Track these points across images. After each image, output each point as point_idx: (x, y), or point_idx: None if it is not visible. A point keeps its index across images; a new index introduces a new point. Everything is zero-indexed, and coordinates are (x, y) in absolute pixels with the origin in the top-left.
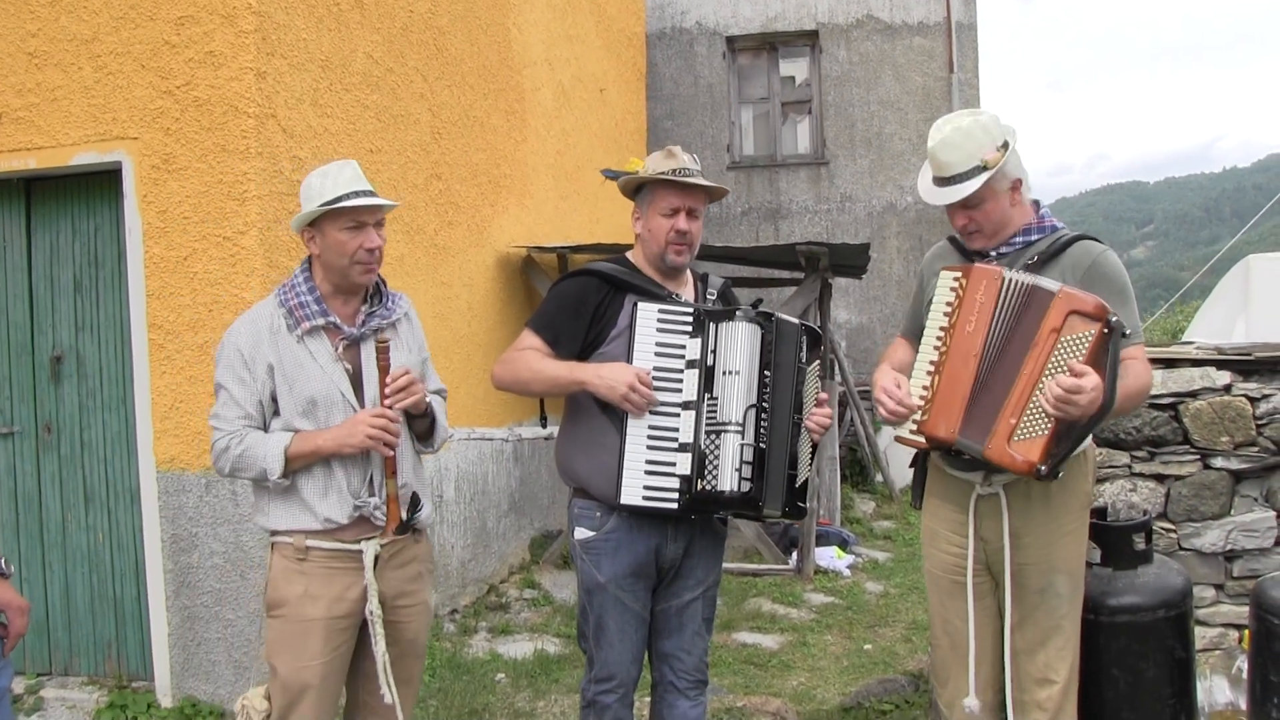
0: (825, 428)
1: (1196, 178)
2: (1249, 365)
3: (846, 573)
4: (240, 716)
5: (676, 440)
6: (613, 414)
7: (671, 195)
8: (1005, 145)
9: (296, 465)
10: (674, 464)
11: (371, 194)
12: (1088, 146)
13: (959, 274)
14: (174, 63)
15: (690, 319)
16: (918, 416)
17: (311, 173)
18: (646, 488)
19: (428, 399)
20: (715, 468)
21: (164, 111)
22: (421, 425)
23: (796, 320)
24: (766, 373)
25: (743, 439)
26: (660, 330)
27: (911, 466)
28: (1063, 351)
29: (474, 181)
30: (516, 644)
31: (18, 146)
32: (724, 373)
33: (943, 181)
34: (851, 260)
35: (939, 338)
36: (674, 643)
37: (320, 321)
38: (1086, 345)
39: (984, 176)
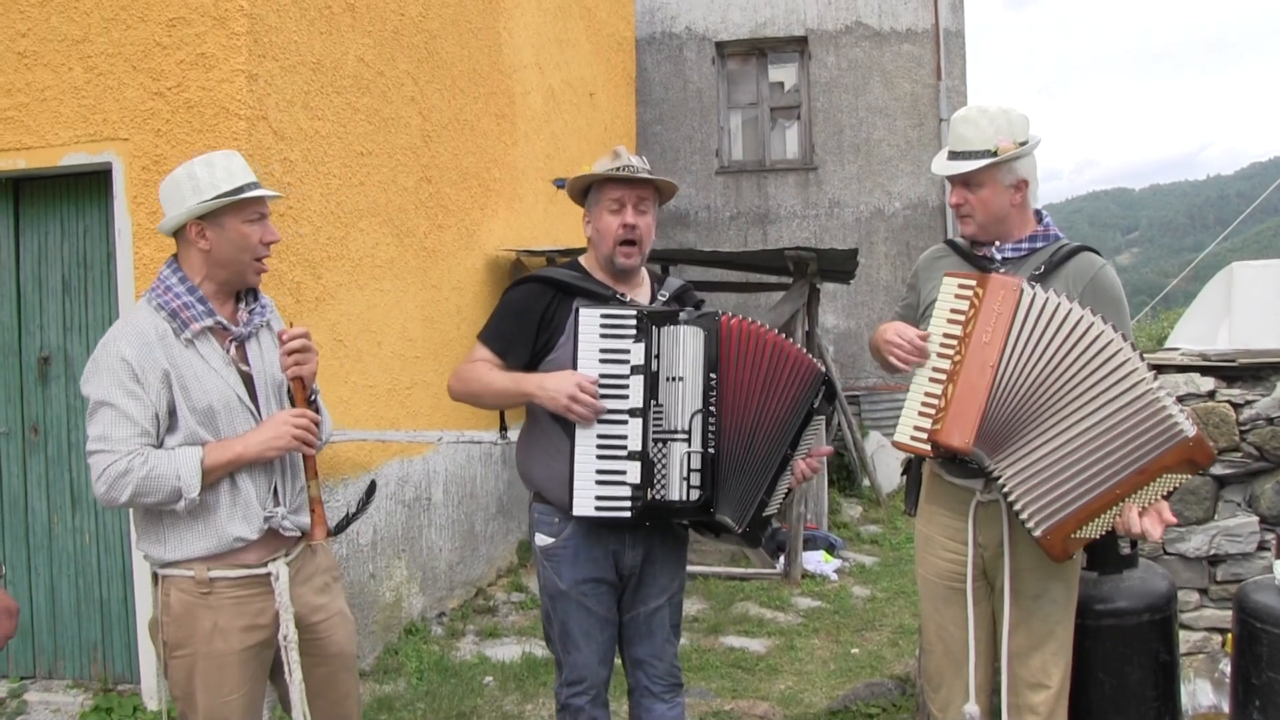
0: (807, 476)
1: (1181, 185)
2: (1232, 371)
3: (833, 577)
4: None
5: (626, 448)
6: (564, 422)
7: (616, 189)
8: (1024, 144)
9: (212, 479)
10: (624, 472)
11: (259, 184)
12: (1076, 153)
13: (972, 282)
14: (165, 64)
15: (634, 323)
16: (927, 425)
17: (188, 164)
18: (599, 498)
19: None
20: (664, 476)
21: (155, 113)
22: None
23: (823, 369)
24: (713, 376)
25: (689, 446)
26: (604, 336)
27: (904, 474)
28: (1158, 486)
29: (464, 185)
30: (504, 647)
31: (7, 146)
32: (668, 379)
33: (955, 156)
34: (839, 265)
35: (948, 345)
36: (645, 649)
37: (209, 322)
38: (1176, 484)
39: (989, 160)
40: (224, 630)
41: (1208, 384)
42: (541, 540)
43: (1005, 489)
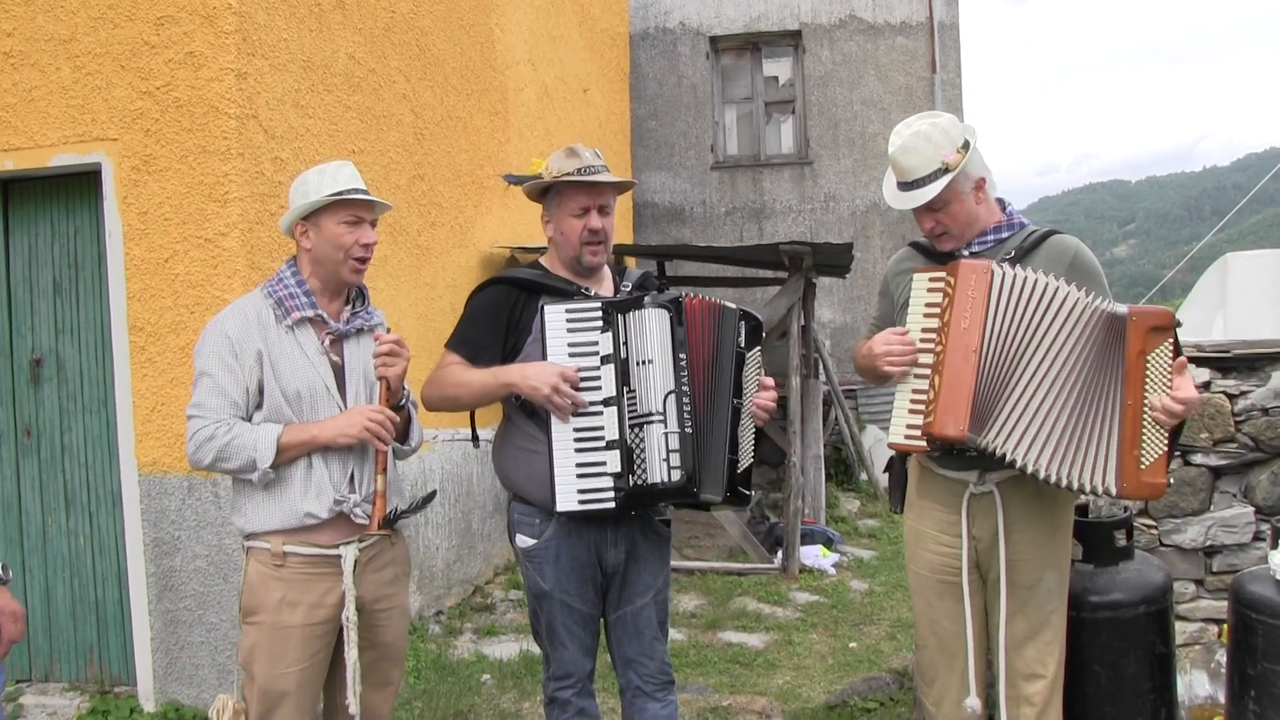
0: (770, 410)
1: (1177, 177)
2: (1227, 362)
3: (831, 571)
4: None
5: (604, 439)
6: (539, 418)
7: (580, 195)
8: (966, 146)
9: (287, 456)
10: (604, 463)
11: (368, 193)
12: (1075, 145)
13: (942, 273)
14: (154, 63)
15: (599, 314)
16: (919, 421)
17: (306, 171)
18: (581, 491)
19: (405, 387)
20: (644, 460)
21: (144, 112)
22: (399, 420)
23: (734, 306)
24: (681, 356)
25: (665, 427)
26: (571, 330)
27: (886, 471)
28: (1153, 368)
29: (457, 182)
30: (501, 645)
31: None
32: (638, 363)
33: (906, 186)
34: (835, 260)
35: (927, 339)
36: (635, 648)
37: (309, 313)
38: (1169, 354)
39: (946, 179)
40: (291, 603)
41: (1203, 375)
42: (523, 542)
43: (1028, 470)
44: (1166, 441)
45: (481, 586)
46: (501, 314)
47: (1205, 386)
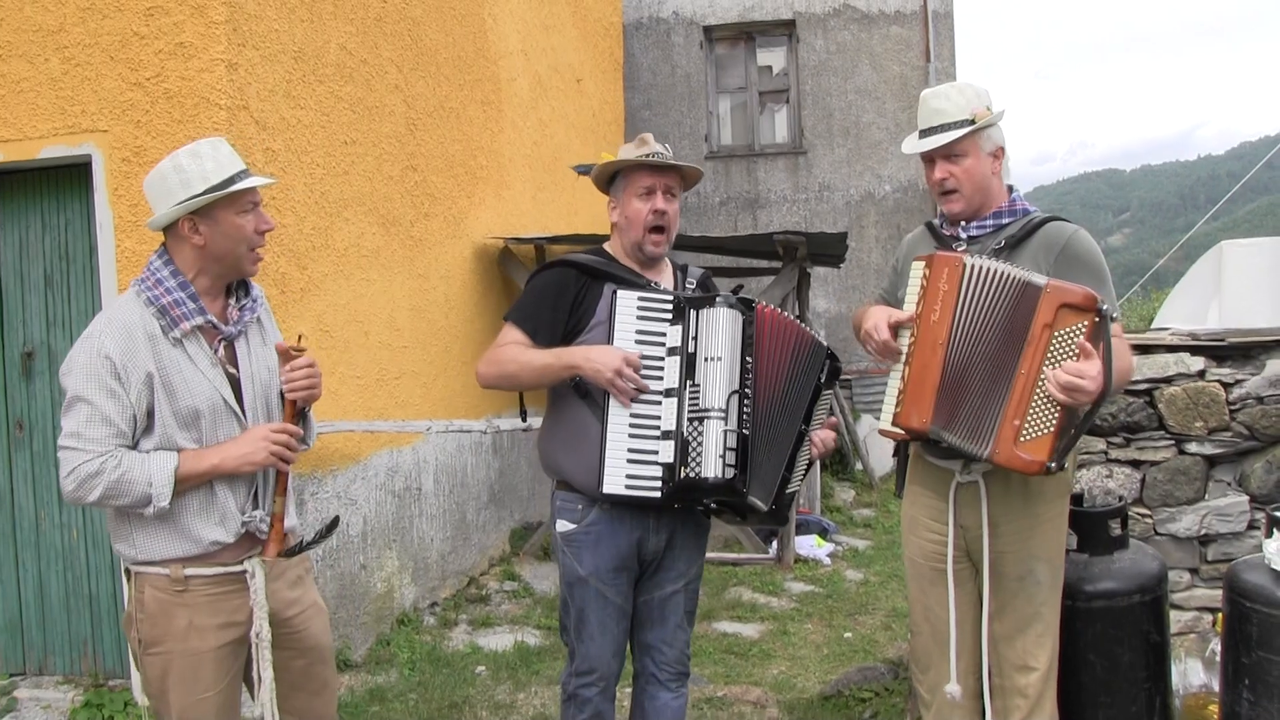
0: (828, 446)
1: (1172, 165)
2: (1222, 351)
3: (827, 561)
4: None
5: (659, 428)
6: (593, 404)
7: (645, 176)
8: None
9: (185, 488)
10: (656, 452)
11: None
12: (1071, 134)
13: (924, 263)
14: (143, 54)
15: (670, 306)
16: (894, 409)
17: (173, 156)
18: (629, 477)
19: None
20: (699, 454)
21: (134, 104)
22: (301, 431)
23: (824, 342)
24: (748, 359)
25: (725, 425)
26: (640, 318)
27: (894, 456)
28: (1058, 346)
29: (450, 173)
30: (497, 636)
31: None
32: (705, 359)
33: (928, 132)
34: (829, 249)
35: (909, 329)
36: (656, 635)
37: (199, 321)
38: (1081, 337)
39: (971, 128)
40: (199, 628)
41: (1197, 363)
42: (563, 527)
43: (944, 443)
44: (1057, 420)
45: (476, 578)
46: (567, 295)
47: (1200, 375)
